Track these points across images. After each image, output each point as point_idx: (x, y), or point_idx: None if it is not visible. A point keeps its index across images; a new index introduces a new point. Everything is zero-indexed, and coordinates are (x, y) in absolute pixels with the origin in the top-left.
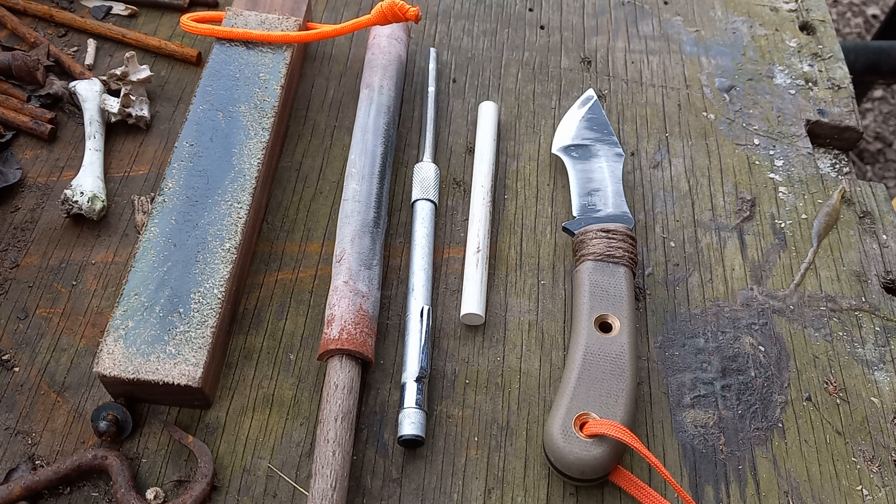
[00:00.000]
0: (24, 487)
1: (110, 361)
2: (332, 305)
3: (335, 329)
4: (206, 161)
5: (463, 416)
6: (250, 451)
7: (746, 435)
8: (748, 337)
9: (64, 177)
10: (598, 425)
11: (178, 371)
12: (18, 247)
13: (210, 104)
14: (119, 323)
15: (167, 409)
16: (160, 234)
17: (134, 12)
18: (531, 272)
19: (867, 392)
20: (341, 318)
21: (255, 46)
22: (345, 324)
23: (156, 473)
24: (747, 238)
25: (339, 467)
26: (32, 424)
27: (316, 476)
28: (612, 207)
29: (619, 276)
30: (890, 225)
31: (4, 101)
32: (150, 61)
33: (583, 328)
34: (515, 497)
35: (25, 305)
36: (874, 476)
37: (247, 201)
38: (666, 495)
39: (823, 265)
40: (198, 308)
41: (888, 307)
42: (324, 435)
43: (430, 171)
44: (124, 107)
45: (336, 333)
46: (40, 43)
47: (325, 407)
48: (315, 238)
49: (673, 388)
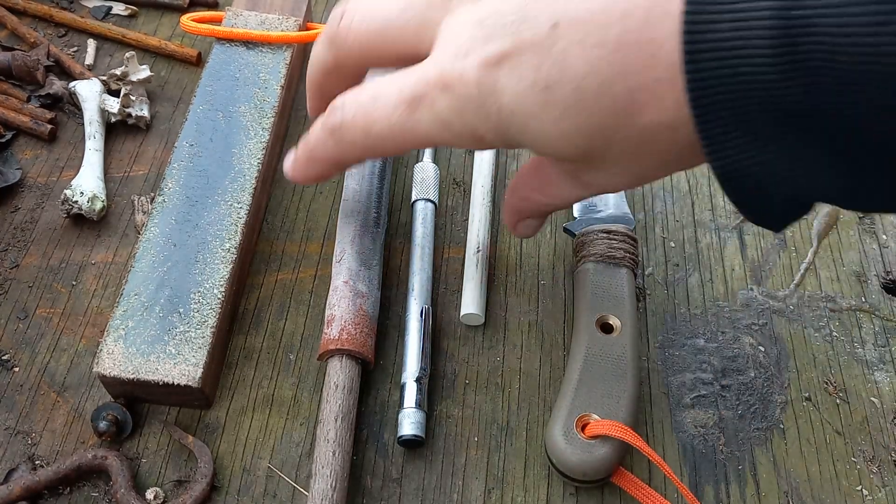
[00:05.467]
0: (24, 487)
1: (110, 361)
2: (331, 305)
3: (335, 329)
4: (205, 161)
5: (463, 416)
6: (250, 451)
7: (746, 435)
8: (748, 337)
9: (64, 177)
10: (601, 426)
11: (178, 371)
12: (18, 247)
13: (210, 104)
14: (119, 323)
15: (167, 409)
16: (160, 234)
17: (134, 12)
18: (531, 272)
19: (867, 392)
20: (341, 319)
21: (255, 47)
22: (345, 324)
23: (156, 473)
24: (747, 238)
25: (339, 467)
26: (32, 424)
27: (316, 476)
28: (612, 208)
29: (621, 277)
30: (890, 225)
31: (4, 101)
32: (150, 61)
33: (584, 329)
34: (515, 497)
35: (25, 305)
36: (874, 476)
37: (247, 201)
38: (666, 496)
39: (823, 265)
40: (198, 308)
41: (888, 307)
42: (324, 435)
43: (430, 171)
44: (124, 107)
45: (336, 333)
46: (40, 43)
47: (325, 407)
48: (315, 238)
49: (673, 388)
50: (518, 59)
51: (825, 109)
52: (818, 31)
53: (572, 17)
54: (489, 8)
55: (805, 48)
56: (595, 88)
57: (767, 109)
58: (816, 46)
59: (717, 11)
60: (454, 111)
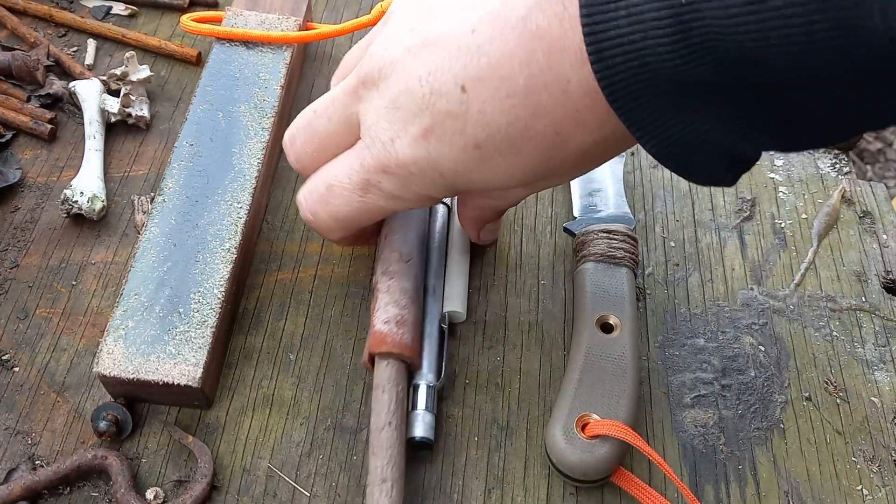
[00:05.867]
0: (24, 487)
1: (110, 361)
2: (403, 307)
3: (407, 334)
4: (205, 161)
5: (463, 416)
6: (250, 451)
7: (746, 435)
8: (748, 337)
9: (64, 177)
10: (601, 426)
11: (178, 371)
12: (18, 247)
13: (210, 104)
14: (119, 323)
15: (167, 409)
16: (160, 234)
17: (134, 12)
18: (531, 272)
19: (867, 392)
20: (412, 325)
21: (254, 46)
22: (412, 331)
23: (156, 473)
24: (747, 238)
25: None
26: (32, 424)
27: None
28: (613, 208)
29: (621, 277)
30: (890, 225)
31: (4, 101)
32: (150, 61)
33: (584, 329)
34: (515, 497)
35: (25, 305)
36: (874, 476)
37: (247, 201)
38: (666, 495)
39: (823, 265)
40: (198, 308)
41: (888, 307)
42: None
43: None
44: (124, 107)
45: (409, 340)
46: (40, 43)
47: (393, 408)
48: (315, 238)
49: (673, 388)
50: (441, 129)
51: (730, 79)
52: (705, 16)
53: (475, 77)
54: (397, 88)
55: (698, 32)
56: (520, 133)
57: (679, 89)
58: (707, 29)
59: (615, 27)
60: (400, 188)
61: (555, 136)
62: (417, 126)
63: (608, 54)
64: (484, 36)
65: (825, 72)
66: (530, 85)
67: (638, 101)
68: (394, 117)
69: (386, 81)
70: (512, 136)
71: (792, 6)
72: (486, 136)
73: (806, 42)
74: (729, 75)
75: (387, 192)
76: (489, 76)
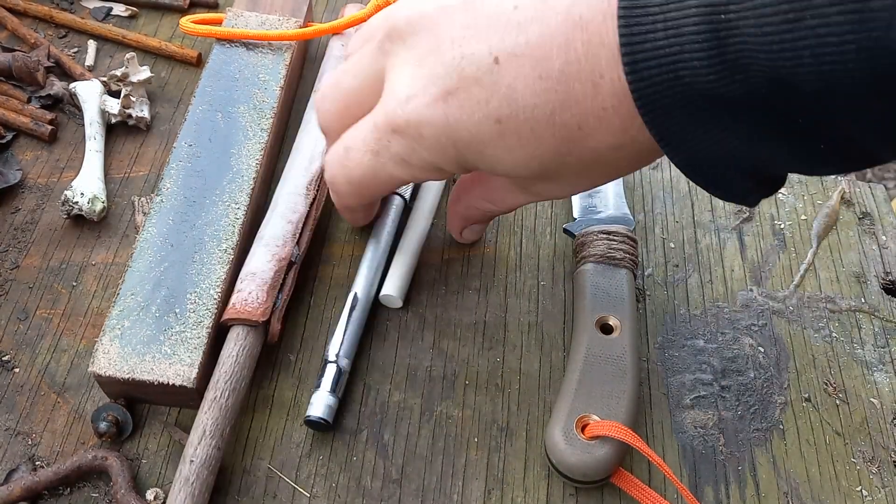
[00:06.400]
0: (24, 488)
1: (106, 361)
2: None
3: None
4: (204, 162)
5: (463, 417)
6: (250, 451)
7: (746, 436)
8: (748, 338)
9: (64, 178)
10: (600, 427)
11: (174, 371)
12: (19, 248)
13: (209, 105)
14: (115, 323)
15: (167, 409)
16: (157, 234)
17: (134, 13)
18: (531, 273)
19: (867, 393)
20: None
21: (255, 47)
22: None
23: (156, 474)
24: (747, 239)
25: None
26: (32, 425)
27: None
28: (612, 209)
29: (620, 278)
30: (889, 226)
31: (5, 103)
32: (151, 62)
33: (584, 330)
34: (515, 497)
35: (26, 306)
36: (874, 477)
37: (244, 202)
38: (666, 496)
39: (823, 266)
40: (194, 308)
41: (887, 308)
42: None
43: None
44: (124, 108)
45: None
46: (41, 44)
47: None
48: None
49: (673, 389)
50: (465, 95)
51: (761, 98)
52: (742, 32)
53: (510, 52)
54: (426, 45)
55: (733, 49)
56: (545, 118)
57: (711, 104)
58: (742, 46)
59: (651, 39)
60: (408, 152)
61: (577, 129)
62: (439, 87)
63: (643, 66)
64: (526, 14)
65: (856, 93)
66: (565, 72)
67: (669, 113)
68: (417, 74)
69: (415, 37)
70: (535, 119)
71: (827, 26)
72: (509, 112)
73: (839, 62)
74: (761, 93)
75: (394, 155)
76: (526, 54)
